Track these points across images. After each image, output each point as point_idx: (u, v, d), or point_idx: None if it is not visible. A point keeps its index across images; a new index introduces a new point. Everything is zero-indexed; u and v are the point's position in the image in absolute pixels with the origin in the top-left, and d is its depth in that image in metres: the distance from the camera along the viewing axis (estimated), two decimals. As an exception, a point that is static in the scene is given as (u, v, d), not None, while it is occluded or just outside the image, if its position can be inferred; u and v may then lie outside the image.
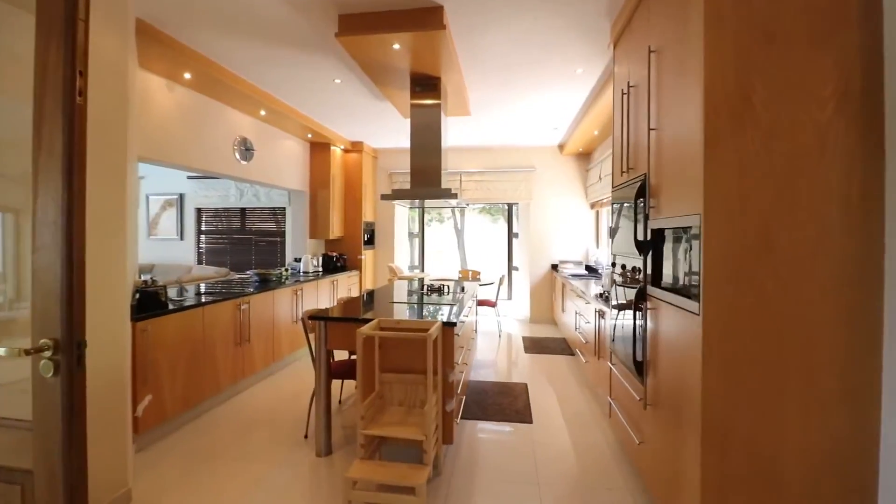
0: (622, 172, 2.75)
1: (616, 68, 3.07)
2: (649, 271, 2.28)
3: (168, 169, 7.88)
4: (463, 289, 4.23)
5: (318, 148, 6.27)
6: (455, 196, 3.44)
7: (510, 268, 7.90)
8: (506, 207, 9.53)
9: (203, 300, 3.41)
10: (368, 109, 5.00)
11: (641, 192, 2.35)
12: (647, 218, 2.30)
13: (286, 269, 5.50)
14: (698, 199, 1.69)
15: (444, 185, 3.78)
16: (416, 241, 8.15)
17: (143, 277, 3.84)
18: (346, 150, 6.72)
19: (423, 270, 8.02)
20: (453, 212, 10.05)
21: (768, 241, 1.64)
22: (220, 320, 3.53)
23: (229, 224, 7.77)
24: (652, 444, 2.21)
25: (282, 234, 7.49)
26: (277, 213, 7.55)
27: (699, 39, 1.68)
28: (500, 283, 6.26)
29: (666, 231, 2.14)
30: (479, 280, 6.69)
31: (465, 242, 10.06)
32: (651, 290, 2.24)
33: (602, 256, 6.31)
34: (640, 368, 2.36)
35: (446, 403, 2.63)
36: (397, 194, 3.56)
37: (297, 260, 6.06)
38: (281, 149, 5.56)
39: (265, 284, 4.53)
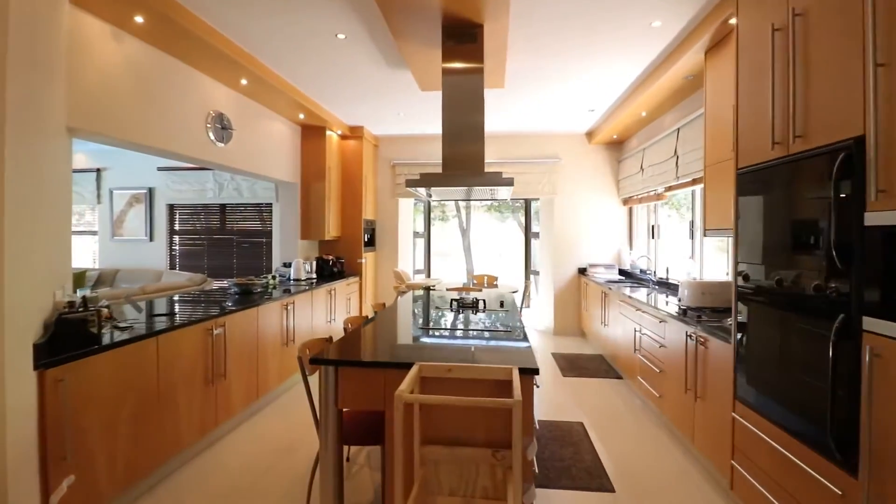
0: (774, 145, 1.88)
1: (741, 7, 2.20)
2: (865, 293, 1.42)
3: (134, 160, 6.88)
4: (502, 303, 3.34)
5: (312, 132, 5.31)
6: (510, 183, 2.55)
7: (528, 272, 7.03)
8: (520, 204, 8.67)
9: (157, 327, 2.46)
10: (376, 81, 4.08)
11: (846, 170, 1.48)
12: (861, 209, 1.44)
13: (273, 277, 4.56)
14: None
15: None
16: (421, 241, 7.23)
17: (79, 293, 2.87)
18: (343, 137, 5.77)
19: (429, 275, 7.11)
20: (458, 209, 9.16)
21: None
22: (184, 352, 2.58)
23: (207, 223, 6.78)
24: (888, 581, 1.35)
25: (268, 234, 6.52)
26: (263, 211, 6.58)
27: None
28: (526, 291, 5.39)
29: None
30: (496, 286, 5.83)
31: (471, 243, 9.17)
32: (875, 323, 1.38)
33: (639, 259, 5.48)
34: (844, 446, 1.49)
35: (523, 492, 1.73)
36: (428, 180, 2.65)
37: (287, 265, 5.11)
38: (267, 131, 4.60)
39: (247, 298, 3.58)
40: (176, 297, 3.73)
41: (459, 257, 9.27)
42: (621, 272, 5.86)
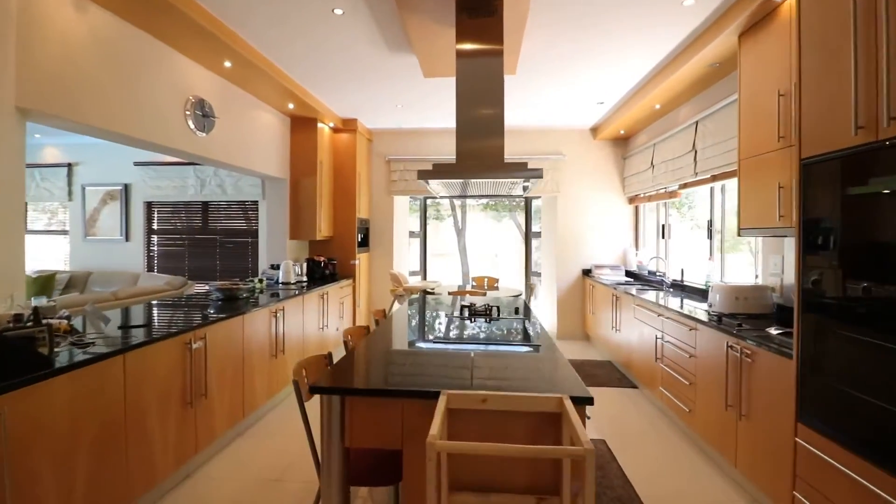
0: (857, 129, 1.61)
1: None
2: None
3: (108, 155, 6.40)
4: (517, 310, 3.03)
5: (302, 124, 4.95)
6: (539, 175, 2.23)
7: (528, 273, 6.76)
8: (516, 202, 8.40)
9: (127, 341, 2.10)
10: (374, 66, 3.74)
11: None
12: None
13: (260, 280, 4.19)
14: None
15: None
16: (416, 241, 6.90)
17: (34, 302, 2.50)
18: (335, 130, 5.41)
19: (425, 277, 6.79)
20: (453, 208, 8.85)
21: None
22: (158, 370, 2.22)
23: (188, 221, 6.35)
24: None
25: (254, 233, 6.13)
26: (248, 209, 6.18)
27: None
28: (530, 294, 5.11)
29: None
30: (496, 289, 5.54)
31: (466, 244, 8.87)
32: None
33: (651, 260, 5.23)
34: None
35: (571, 545, 1.42)
36: (443, 171, 2.31)
37: (275, 267, 4.74)
38: (253, 121, 4.22)
39: (231, 304, 3.21)
40: (155, 303, 3.35)
41: (455, 258, 8.96)
42: (628, 273, 5.61)
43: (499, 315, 2.86)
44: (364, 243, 5.80)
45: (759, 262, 3.30)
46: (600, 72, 3.84)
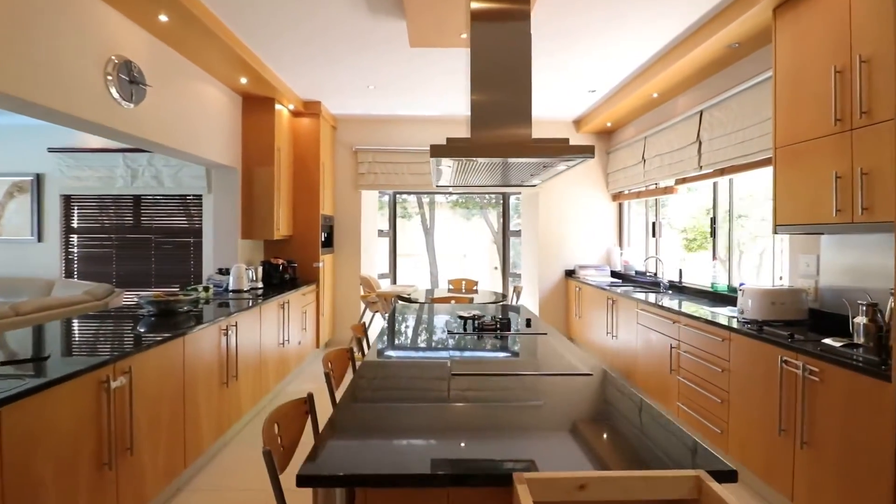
0: None
1: None
2: None
3: (15, 138, 5.33)
4: (529, 322, 2.56)
5: (257, 104, 4.25)
6: (592, 154, 1.75)
7: (505, 274, 6.36)
8: (488, 199, 8.02)
9: (13, 387, 1.43)
10: (348, 34, 3.16)
11: None
12: None
13: (205, 288, 3.50)
14: None
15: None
16: (384, 241, 6.31)
17: None
18: (296, 113, 4.74)
19: (395, 280, 6.22)
20: (420, 205, 8.33)
21: None
22: (58, 426, 1.55)
23: (117, 218, 5.44)
24: None
25: (197, 232, 5.31)
26: (190, 204, 5.35)
27: None
28: (518, 296, 4.69)
29: None
30: (475, 292, 5.11)
31: (434, 244, 8.37)
32: None
33: (647, 260, 4.92)
34: None
35: None
36: (460, 149, 1.78)
37: (224, 271, 4.02)
38: (197, 95, 3.51)
39: (168, 321, 2.53)
40: (74, 320, 2.61)
41: (420, 259, 8.43)
42: (614, 274, 5.32)
43: (509, 328, 2.38)
44: (328, 243, 5.16)
45: (762, 262, 3.03)
46: (600, 54, 3.46)
